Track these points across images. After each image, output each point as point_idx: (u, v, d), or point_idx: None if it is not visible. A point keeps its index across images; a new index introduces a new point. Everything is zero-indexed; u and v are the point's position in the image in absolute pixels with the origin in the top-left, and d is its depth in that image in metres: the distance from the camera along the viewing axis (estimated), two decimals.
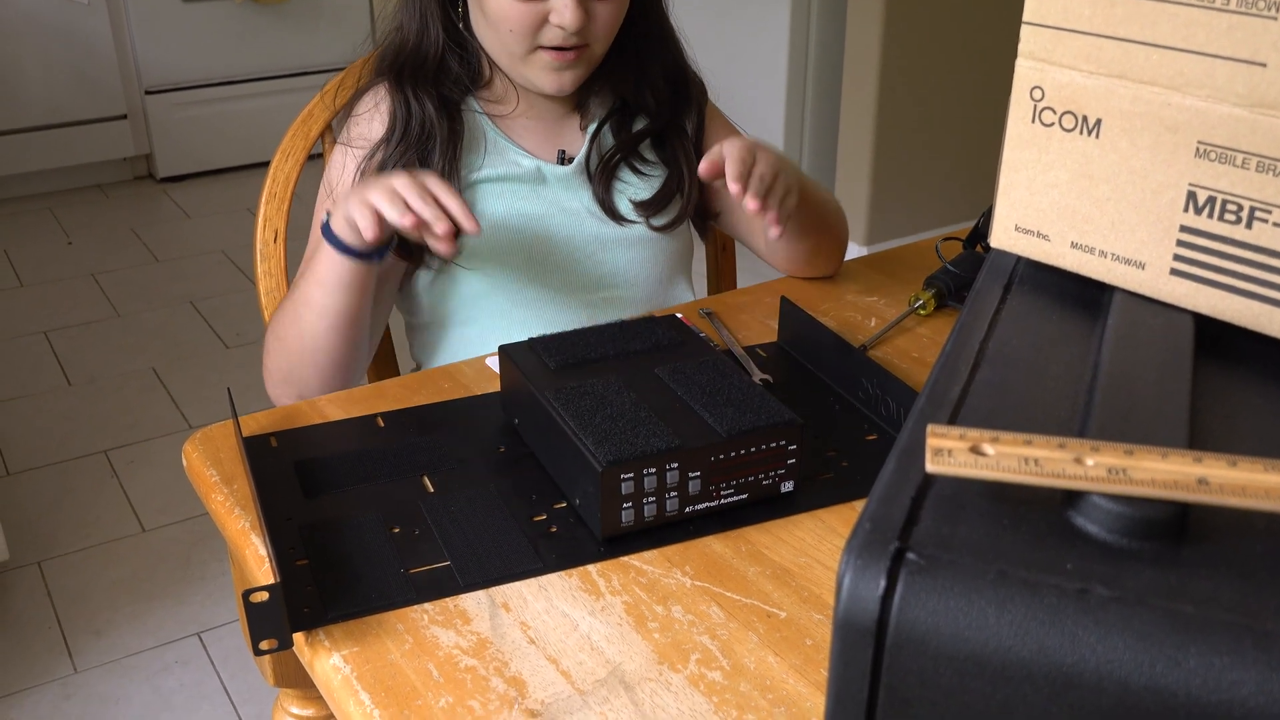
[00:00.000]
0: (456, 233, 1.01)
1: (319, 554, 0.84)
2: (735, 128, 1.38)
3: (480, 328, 1.25)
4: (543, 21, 1.16)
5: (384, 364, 1.40)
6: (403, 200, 1.01)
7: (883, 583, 0.39)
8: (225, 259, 3.49)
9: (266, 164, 1.35)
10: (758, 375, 1.08)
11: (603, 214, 1.27)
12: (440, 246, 1.01)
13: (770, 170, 1.10)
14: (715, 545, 0.86)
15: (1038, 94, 0.57)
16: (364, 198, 1.02)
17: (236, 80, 4.05)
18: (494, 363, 1.11)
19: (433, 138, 1.20)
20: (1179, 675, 0.36)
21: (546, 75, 1.20)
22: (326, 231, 1.07)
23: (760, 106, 3.39)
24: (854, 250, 3.31)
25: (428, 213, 1.00)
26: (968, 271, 1.24)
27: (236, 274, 3.39)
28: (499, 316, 1.24)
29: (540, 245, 1.24)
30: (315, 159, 1.33)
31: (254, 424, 1.01)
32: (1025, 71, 0.57)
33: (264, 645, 0.75)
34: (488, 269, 1.22)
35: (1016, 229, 0.60)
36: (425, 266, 1.25)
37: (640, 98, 1.29)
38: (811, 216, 1.23)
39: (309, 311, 1.11)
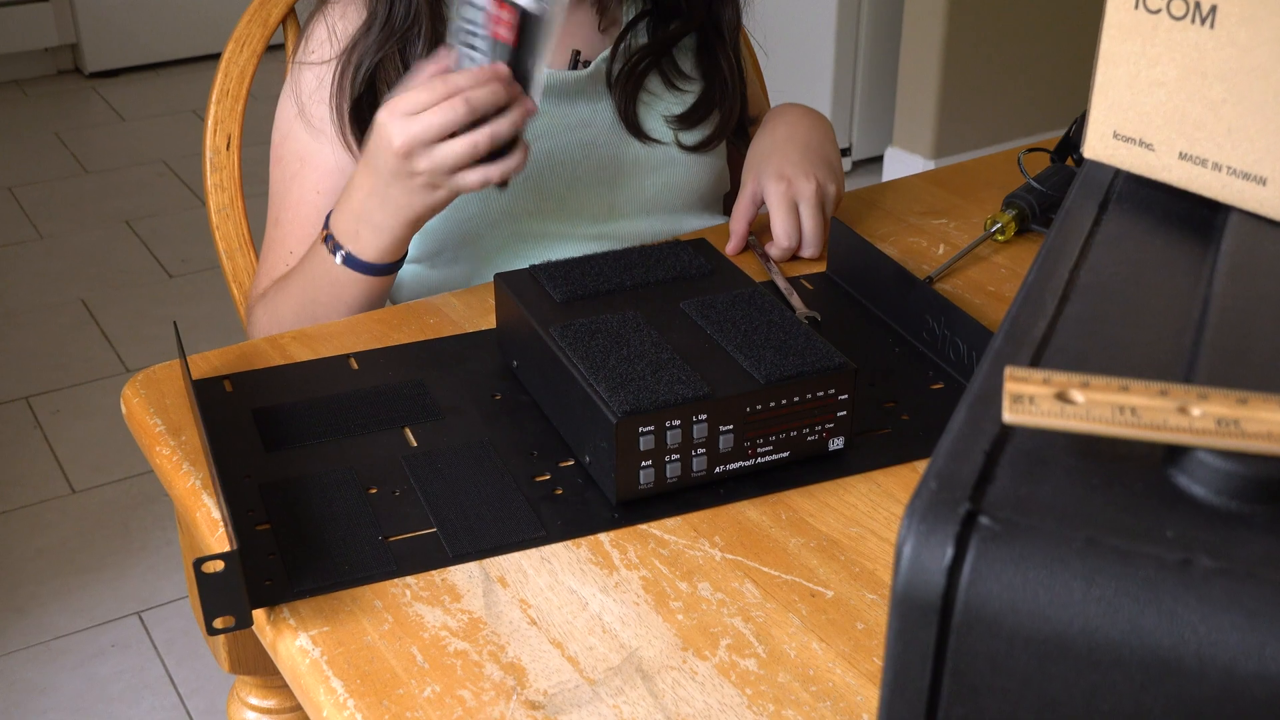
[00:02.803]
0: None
1: (283, 517, 0.85)
2: (755, 58, 1.40)
3: (471, 267, 1.25)
4: None
5: None
6: (468, 109, 1.00)
7: (950, 551, 0.39)
8: (167, 170, 3.49)
9: (217, 56, 1.34)
10: (803, 311, 1.09)
11: (624, 130, 1.26)
12: (514, 162, 1.04)
13: (815, 218, 1.18)
14: (750, 512, 0.87)
15: None
16: (428, 166, 1.02)
17: None
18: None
19: (417, 27, 1.19)
20: None
21: None
22: (350, 260, 1.11)
23: None
24: (918, 164, 3.30)
25: (505, 124, 1.01)
26: (1055, 189, 1.24)
27: (181, 188, 3.40)
28: (496, 252, 1.24)
29: (546, 167, 1.23)
30: (276, 50, 1.33)
31: (205, 364, 1.02)
32: None
33: (219, 624, 0.76)
34: (481, 197, 1.22)
35: (1115, 136, 0.60)
36: None
37: None
38: None
39: (324, 318, 1.16)
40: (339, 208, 1.10)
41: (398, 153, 1.00)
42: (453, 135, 1.00)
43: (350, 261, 1.10)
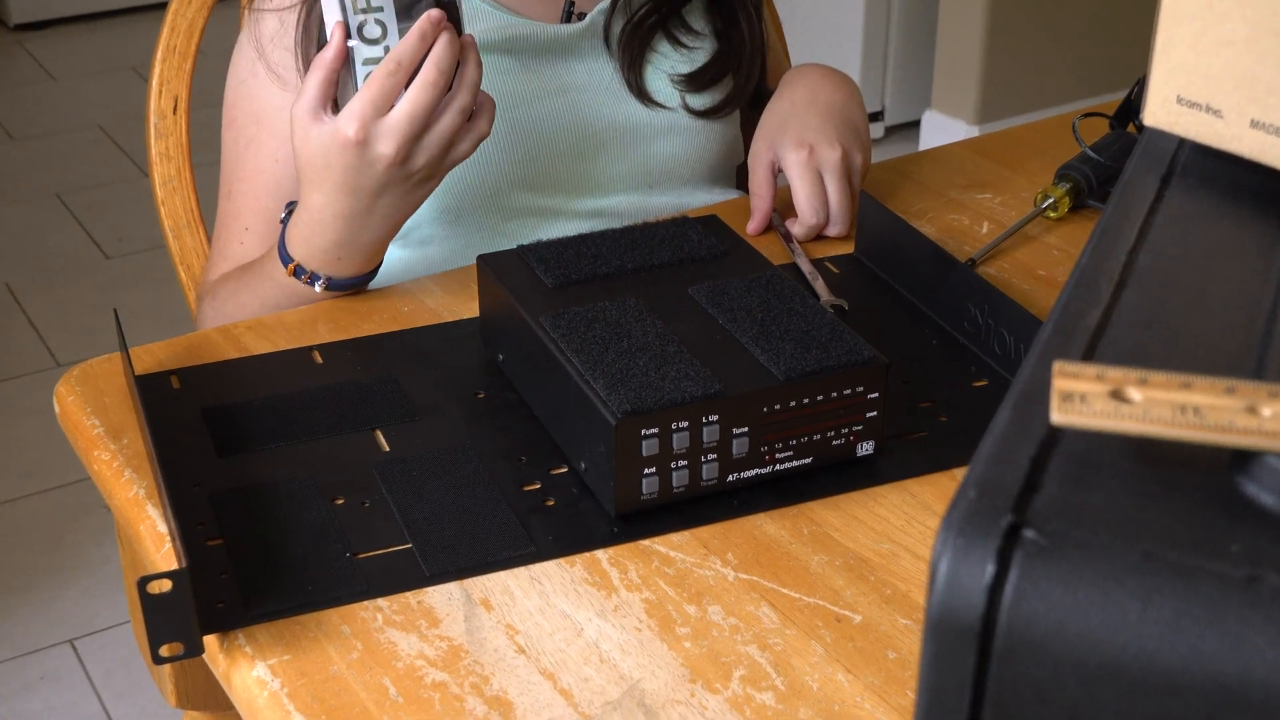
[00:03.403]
0: None
1: (238, 531, 0.86)
2: (779, 22, 1.40)
3: (451, 248, 1.25)
4: None
5: None
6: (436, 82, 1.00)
7: (991, 568, 0.40)
8: (104, 136, 3.49)
9: (161, 7, 1.35)
10: (828, 298, 1.09)
11: (626, 92, 1.27)
12: (487, 101, 1.04)
13: (842, 190, 1.18)
14: (767, 526, 0.87)
15: None
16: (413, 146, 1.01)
17: None
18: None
19: None
20: None
21: None
22: (334, 283, 1.09)
23: None
24: (960, 130, 3.30)
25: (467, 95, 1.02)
26: (1115, 159, 1.24)
27: (120, 157, 3.40)
28: (476, 232, 1.24)
29: (535, 134, 1.23)
30: (228, 0, 1.33)
31: (149, 358, 1.02)
32: None
33: (165, 651, 0.77)
34: (459, 169, 1.22)
35: (1178, 102, 0.60)
36: None
37: None
38: None
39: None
40: (303, 241, 1.07)
41: (394, 162, 1.00)
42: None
43: (334, 285, 1.09)
